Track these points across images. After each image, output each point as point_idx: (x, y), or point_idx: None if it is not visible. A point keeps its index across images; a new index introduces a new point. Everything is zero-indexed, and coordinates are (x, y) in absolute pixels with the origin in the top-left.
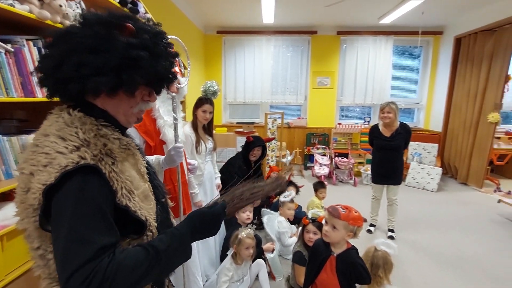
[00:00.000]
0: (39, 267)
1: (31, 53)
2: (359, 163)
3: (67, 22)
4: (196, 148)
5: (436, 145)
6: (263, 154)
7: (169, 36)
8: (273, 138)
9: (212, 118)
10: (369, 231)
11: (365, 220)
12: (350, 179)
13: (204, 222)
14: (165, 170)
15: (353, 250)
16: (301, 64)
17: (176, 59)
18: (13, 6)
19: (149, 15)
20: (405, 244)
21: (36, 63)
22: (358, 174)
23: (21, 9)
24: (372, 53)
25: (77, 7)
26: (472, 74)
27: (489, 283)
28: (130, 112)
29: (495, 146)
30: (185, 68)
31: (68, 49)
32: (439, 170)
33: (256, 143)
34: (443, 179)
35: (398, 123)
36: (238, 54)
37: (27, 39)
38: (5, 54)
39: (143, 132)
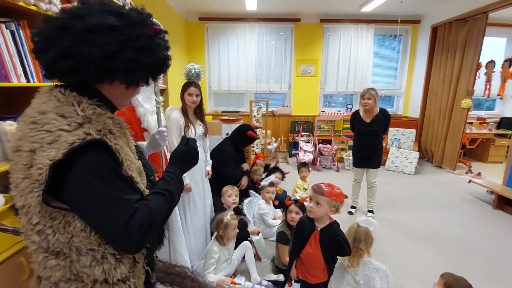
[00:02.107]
0: (34, 243)
1: (4, 36)
2: (342, 149)
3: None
4: (185, 132)
5: (414, 130)
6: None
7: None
8: (260, 127)
9: (202, 102)
10: (350, 212)
11: (346, 197)
12: (333, 164)
13: (186, 158)
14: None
15: (335, 224)
16: (285, 52)
17: None
18: None
19: None
20: (383, 222)
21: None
22: (341, 160)
23: None
24: (354, 41)
25: None
26: (447, 62)
27: (456, 254)
28: (126, 98)
29: (468, 131)
30: None
31: (120, 44)
32: (416, 154)
33: (255, 139)
34: (420, 163)
35: (378, 109)
36: (222, 42)
37: None
38: None
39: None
